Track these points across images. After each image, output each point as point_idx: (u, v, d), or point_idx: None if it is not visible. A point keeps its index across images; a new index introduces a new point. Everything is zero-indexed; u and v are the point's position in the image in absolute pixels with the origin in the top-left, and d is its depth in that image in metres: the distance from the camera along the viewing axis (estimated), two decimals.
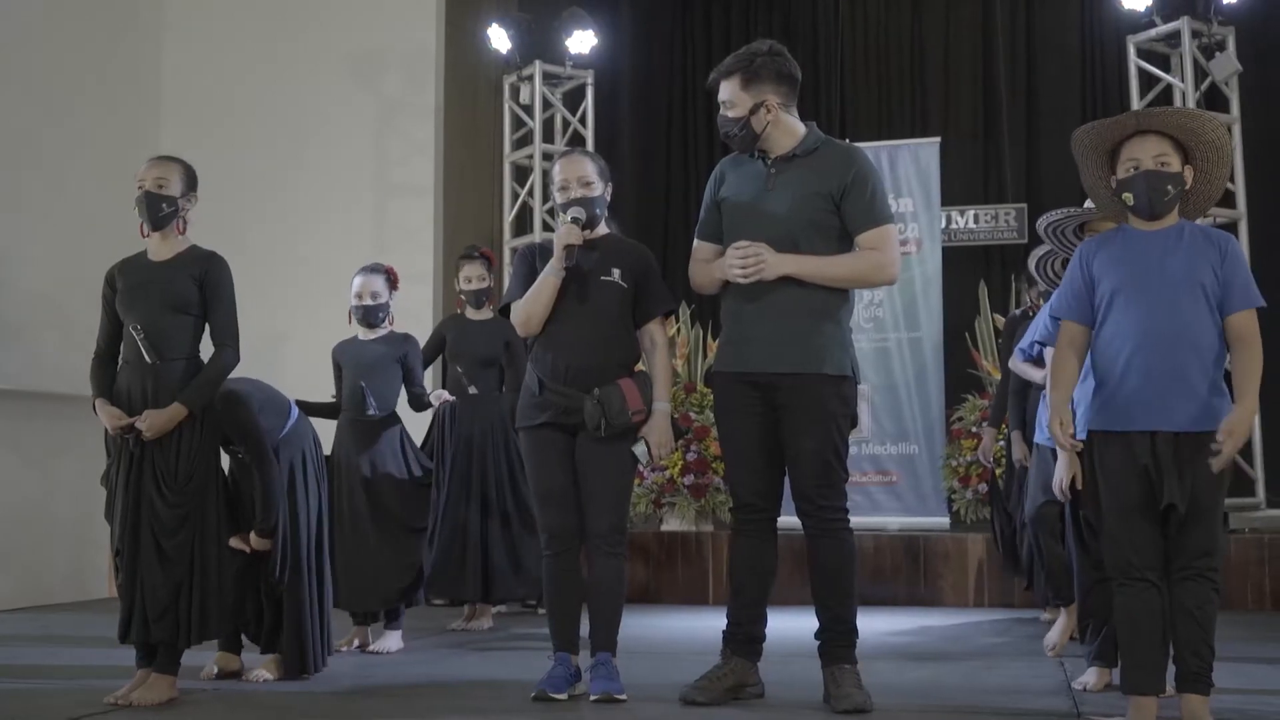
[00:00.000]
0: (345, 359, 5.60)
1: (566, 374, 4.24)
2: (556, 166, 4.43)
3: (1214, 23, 8.15)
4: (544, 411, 4.28)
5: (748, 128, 4.16)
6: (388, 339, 5.61)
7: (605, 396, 4.18)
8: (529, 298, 4.30)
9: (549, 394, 4.27)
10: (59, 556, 7.56)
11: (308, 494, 4.73)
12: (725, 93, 4.18)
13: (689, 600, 7.52)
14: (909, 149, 8.63)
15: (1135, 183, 3.61)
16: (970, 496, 7.77)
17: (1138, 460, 3.51)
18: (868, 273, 4.18)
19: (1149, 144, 3.61)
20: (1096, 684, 4.35)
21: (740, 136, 4.18)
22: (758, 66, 4.15)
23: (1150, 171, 3.59)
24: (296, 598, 4.64)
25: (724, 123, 4.22)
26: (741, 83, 4.15)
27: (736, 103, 4.16)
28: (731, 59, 4.22)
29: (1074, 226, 4.47)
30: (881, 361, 8.33)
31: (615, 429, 4.19)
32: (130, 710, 4.11)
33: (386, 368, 5.55)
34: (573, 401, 4.22)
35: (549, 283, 4.27)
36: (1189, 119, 3.66)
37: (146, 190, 4.34)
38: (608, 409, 4.17)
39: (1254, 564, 6.94)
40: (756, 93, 4.14)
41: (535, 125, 9.24)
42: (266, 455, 4.52)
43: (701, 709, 4.04)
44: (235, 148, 8.52)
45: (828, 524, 4.11)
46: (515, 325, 4.37)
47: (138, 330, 4.25)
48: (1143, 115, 3.69)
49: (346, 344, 5.63)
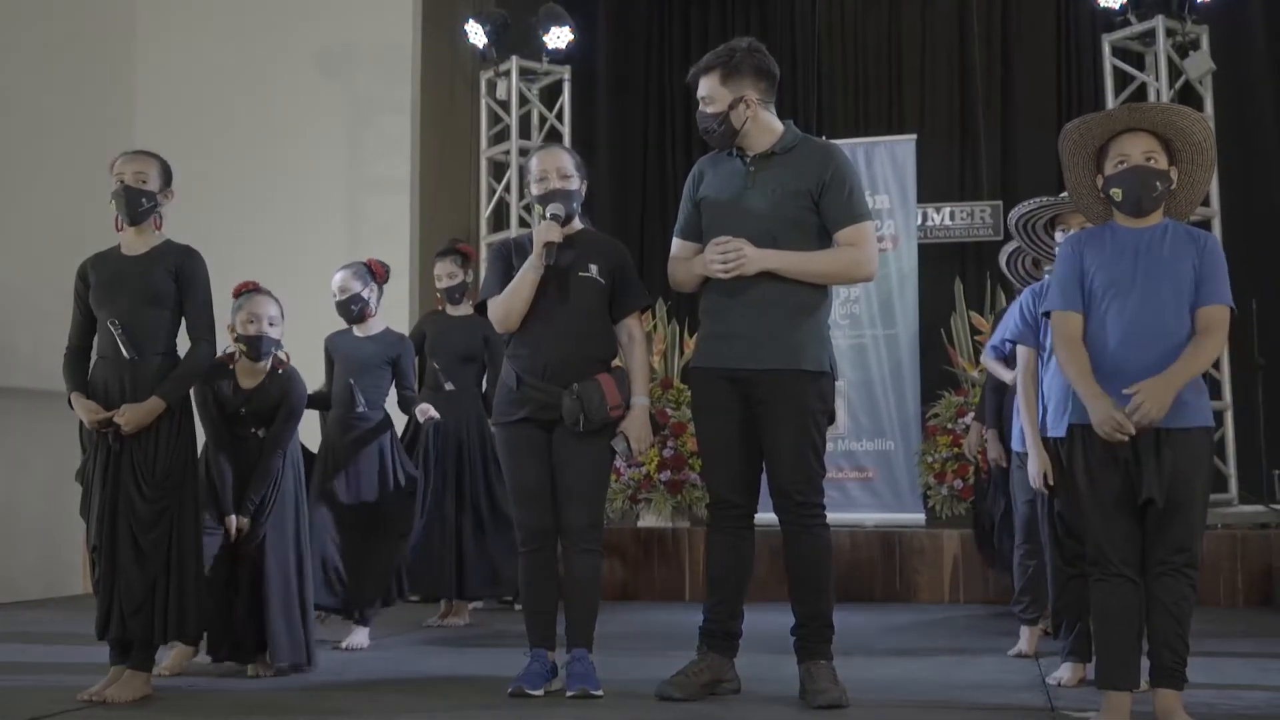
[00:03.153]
0: (338, 353, 5.60)
1: (545, 370, 4.24)
2: (534, 159, 4.42)
3: (1188, 21, 8.20)
4: (522, 407, 4.27)
5: (727, 123, 4.16)
6: (382, 338, 5.61)
7: (584, 392, 4.17)
8: (508, 294, 4.29)
9: (527, 390, 4.26)
10: (30, 553, 7.51)
11: (295, 489, 4.79)
12: (704, 88, 4.18)
13: (665, 596, 7.53)
14: (885, 146, 8.65)
15: (1124, 178, 3.62)
16: (946, 493, 7.79)
17: (1117, 455, 3.52)
18: (846, 269, 4.19)
19: (1139, 141, 3.62)
20: (1071, 679, 4.37)
21: (720, 132, 4.19)
22: (737, 62, 4.15)
23: (1139, 167, 3.60)
24: (284, 593, 4.67)
25: (703, 119, 4.22)
26: (721, 78, 4.15)
27: (716, 98, 4.16)
28: (711, 55, 4.22)
29: (1044, 223, 4.48)
30: (858, 358, 8.35)
31: (594, 424, 4.18)
32: (104, 707, 4.08)
33: (377, 368, 5.56)
34: (551, 397, 4.21)
35: (528, 279, 4.25)
36: (1179, 117, 3.68)
37: (126, 185, 4.31)
38: (586, 404, 4.16)
39: (1226, 559, 6.98)
40: (736, 88, 4.14)
41: (512, 121, 9.22)
42: (287, 440, 4.71)
43: (678, 705, 4.04)
44: (211, 143, 8.47)
45: (804, 520, 4.12)
46: (493, 322, 4.35)
47: (115, 325, 4.22)
48: (1134, 110, 3.70)
49: (341, 336, 5.63)
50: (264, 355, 4.70)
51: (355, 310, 5.56)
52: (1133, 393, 3.43)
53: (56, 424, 4.97)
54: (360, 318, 5.57)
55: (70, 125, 7.93)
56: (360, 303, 5.55)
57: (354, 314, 5.56)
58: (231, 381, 4.71)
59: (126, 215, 4.32)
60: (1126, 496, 3.53)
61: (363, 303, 5.56)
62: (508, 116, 9.26)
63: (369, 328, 5.60)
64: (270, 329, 4.71)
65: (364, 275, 5.57)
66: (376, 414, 5.55)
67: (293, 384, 4.78)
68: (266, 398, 4.72)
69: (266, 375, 4.75)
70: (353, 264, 5.62)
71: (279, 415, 4.72)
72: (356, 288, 5.54)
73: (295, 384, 4.79)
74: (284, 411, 4.73)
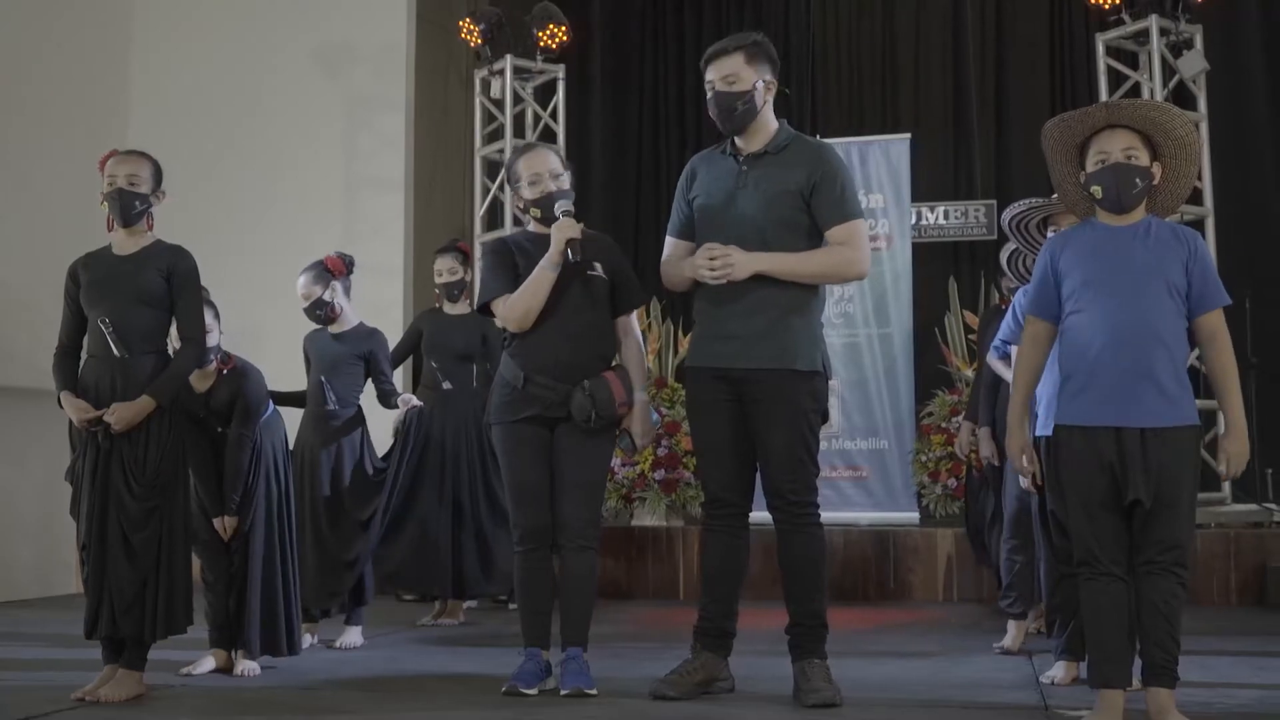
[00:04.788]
0: (312, 352, 5.61)
1: (554, 368, 4.23)
2: (519, 162, 4.39)
3: (1182, 21, 8.21)
4: (528, 406, 4.26)
5: (750, 103, 4.15)
6: (352, 334, 5.60)
7: (595, 388, 4.18)
8: (527, 294, 4.25)
9: (534, 388, 4.25)
10: (24, 551, 7.50)
11: (279, 483, 4.81)
12: (728, 67, 4.16)
13: (660, 595, 7.53)
14: (880, 145, 8.66)
15: (1104, 175, 3.63)
16: (940, 491, 7.80)
17: (1102, 456, 3.53)
18: (838, 268, 4.20)
19: (1118, 137, 3.63)
20: (1064, 678, 4.38)
21: (741, 112, 4.16)
22: (760, 46, 4.19)
23: (1119, 164, 3.61)
24: (270, 585, 4.70)
25: (723, 99, 4.16)
26: (746, 58, 4.16)
27: (741, 77, 4.15)
28: (732, 38, 4.24)
29: (1037, 222, 4.49)
30: (852, 357, 8.35)
31: (604, 420, 4.20)
32: (98, 706, 4.08)
33: (348, 365, 5.55)
34: (559, 395, 4.21)
35: (547, 277, 4.23)
36: (1157, 113, 3.69)
37: (120, 188, 4.30)
38: (598, 401, 4.17)
39: (1219, 558, 7.00)
40: (759, 71, 4.17)
41: (506, 120, 9.21)
42: (251, 436, 4.70)
43: (672, 704, 4.05)
44: (204, 142, 8.46)
45: (798, 519, 4.12)
46: (509, 321, 4.31)
47: (106, 324, 4.21)
48: (1112, 107, 3.72)
49: (315, 336, 5.64)
50: (204, 362, 4.67)
51: (321, 314, 5.54)
52: (1223, 465, 3.57)
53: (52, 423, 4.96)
54: (328, 319, 5.57)
55: (66, 124, 7.91)
56: (324, 306, 5.52)
57: (321, 317, 5.55)
58: (187, 387, 4.64)
59: (120, 217, 4.32)
60: (1112, 496, 3.53)
61: (326, 305, 5.52)
62: (502, 115, 9.26)
63: (341, 324, 5.59)
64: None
65: (323, 277, 5.52)
66: (348, 411, 5.56)
67: (244, 380, 4.76)
68: (222, 397, 4.74)
69: (217, 376, 4.76)
70: (311, 267, 5.55)
71: (235, 413, 4.73)
72: (318, 292, 5.51)
73: (247, 380, 4.77)
74: (239, 408, 4.73)
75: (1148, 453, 3.50)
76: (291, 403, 5.48)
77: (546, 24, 9.14)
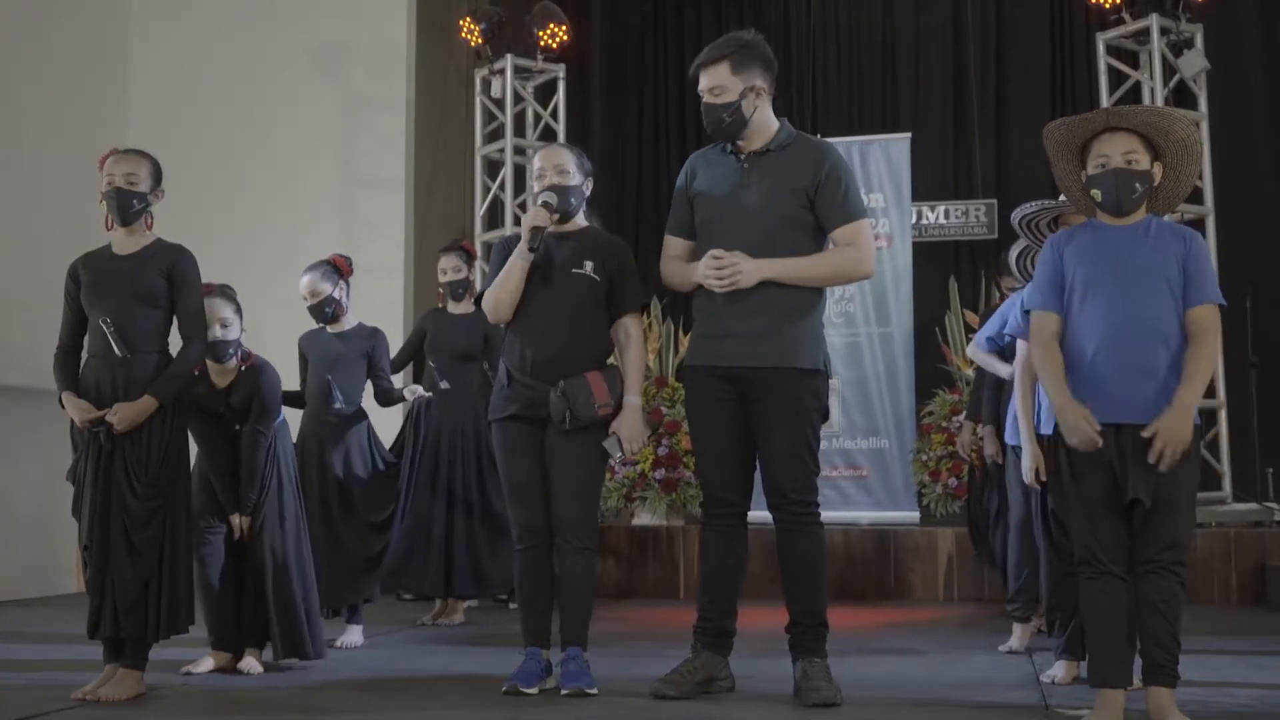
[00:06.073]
0: (311, 352, 5.60)
1: (534, 366, 4.23)
2: (536, 158, 4.42)
3: (1182, 20, 8.21)
4: (512, 404, 4.27)
5: (738, 114, 4.13)
6: (354, 333, 5.60)
7: (570, 389, 4.16)
8: (497, 282, 4.29)
9: (517, 386, 4.26)
10: (23, 551, 7.49)
11: (291, 483, 4.83)
12: (714, 79, 4.14)
13: (660, 594, 7.53)
14: (880, 145, 8.66)
15: (1104, 180, 3.63)
16: (940, 491, 7.80)
17: (1102, 454, 3.52)
18: (845, 269, 4.19)
19: (1118, 141, 3.63)
20: (1064, 677, 4.38)
21: (729, 123, 4.14)
22: (747, 51, 4.15)
23: (1119, 169, 3.61)
24: (286, 589, 4.70)
25: (711, 110, 4.16)
26: (732, 67, 4.13)
27: (727, 88, 4.13)
28: (718, 44, 4.20)
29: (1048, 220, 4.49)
30: (852, 356, 8.35)
31: (580, 422, 4.18)
32: (98, 706, 4.08)
33: (352, 363, 5.55)
34: (539, 394, 4.21)
35: (517, 266, 4.25)
36: (1158, 117, 3.69)
37: (117, 187, 4.29)
38: (573, 401, 4.15)
39: (1220, 558, 7.00)
40: (746, 78, 4.13)
41: (506, 119, 9.22)
42: (268, 434, 4.72)
43: (672, 703, 4.04)
44: (204, 141, 8.46)
45: (798, 518, 4.12)
46: (485, 311, 4.36)
47: (107, 323, 4.21)
48: (1113, 113, 3.71)
49: (313, 335, 5.62)
50: (226, 358, 4.70)
51: (329, 312, 5.54)
52: (1151, 435, 3.44)
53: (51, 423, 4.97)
54: (334, 318, 5.57)
55: (64, 123, 7.91)
56: (333, 304, 5.52)
57: (328, 315, 5.55)
58: (207, 383, 4.72)
59: (118, 217, 4.31)
60: (1112, 496, 3.53)
61: (335, 303, 5.53)
62: (502, 115, 9.26)
63: (341, 324, 5.59)
64: (222, 331, 4.67)
65: (332, 275, 5.53)
66: (352, 409, 5.56)
67: (262, 377, 4.77)
68: (243, 393, 4.75)
69: (237, 372, 4.76)
70: (318, 265, 5.55)
71: (252, 411, 4.73)
72: (327, 289, 5.51)
73: (265, 377, 4.78)
74: (256, 406, 4.73)
75: (1147, 452, 3.49)
76: (291, 403, 5.47)
77: (546, 24, 9.14)
